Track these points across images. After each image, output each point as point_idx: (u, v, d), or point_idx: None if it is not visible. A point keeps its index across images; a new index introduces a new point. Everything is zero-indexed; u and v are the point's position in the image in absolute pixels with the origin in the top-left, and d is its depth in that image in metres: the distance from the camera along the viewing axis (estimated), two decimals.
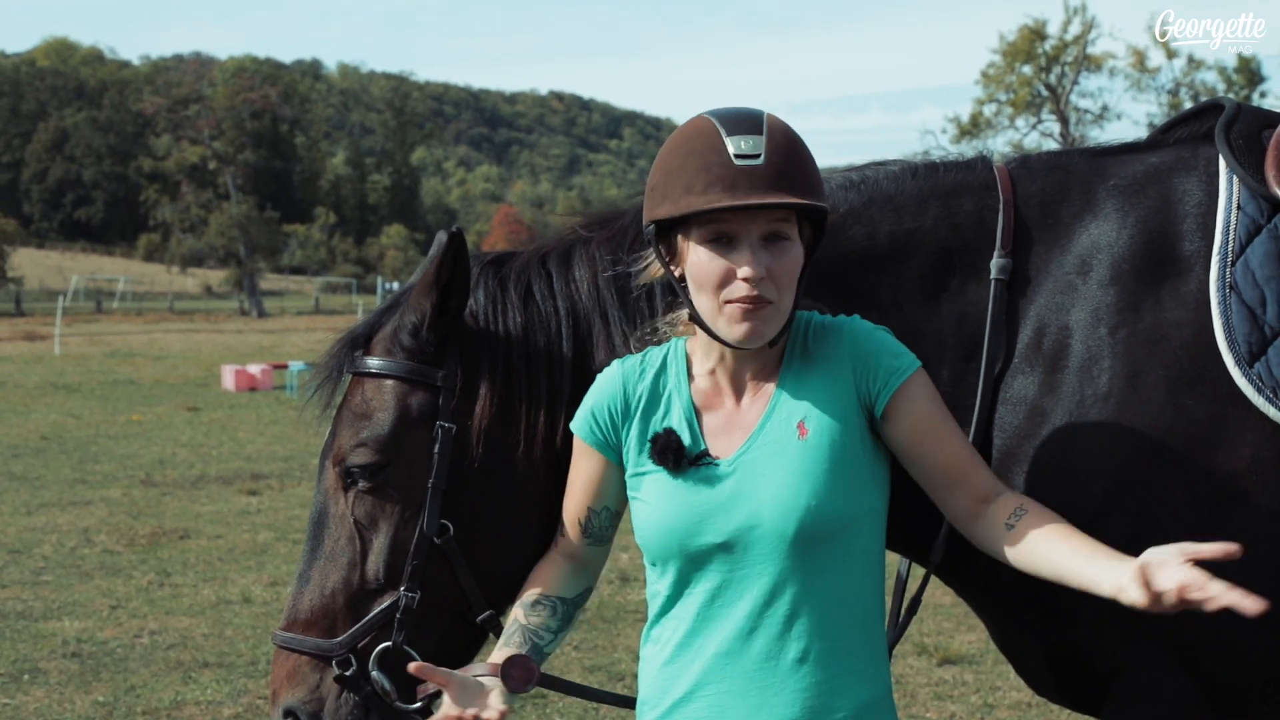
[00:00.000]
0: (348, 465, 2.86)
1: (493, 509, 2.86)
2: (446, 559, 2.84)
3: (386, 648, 2.82)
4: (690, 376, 2.59)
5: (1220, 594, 2.19)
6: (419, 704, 2.79)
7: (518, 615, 2.69)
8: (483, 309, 2.92)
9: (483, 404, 2.85)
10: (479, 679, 2.60)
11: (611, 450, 2.61)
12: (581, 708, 6.45)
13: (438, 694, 2.69)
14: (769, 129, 2.47)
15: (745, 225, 2.42)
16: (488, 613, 2.89)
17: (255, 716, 6.48)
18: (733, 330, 2.45)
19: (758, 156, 2.42)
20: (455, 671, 2.62)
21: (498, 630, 2.87)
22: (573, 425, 2.67)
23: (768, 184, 2.41)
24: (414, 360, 2.87)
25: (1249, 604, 2.18)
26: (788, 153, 2.46)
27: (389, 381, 2.88)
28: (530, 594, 2.71)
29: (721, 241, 2.44)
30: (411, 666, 2.59)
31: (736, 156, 2.42)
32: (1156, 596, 2.24)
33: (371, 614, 2.84)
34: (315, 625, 2.87)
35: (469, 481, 2.85)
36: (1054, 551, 2.42)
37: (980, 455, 2.59)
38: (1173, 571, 2.23)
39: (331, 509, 2.90)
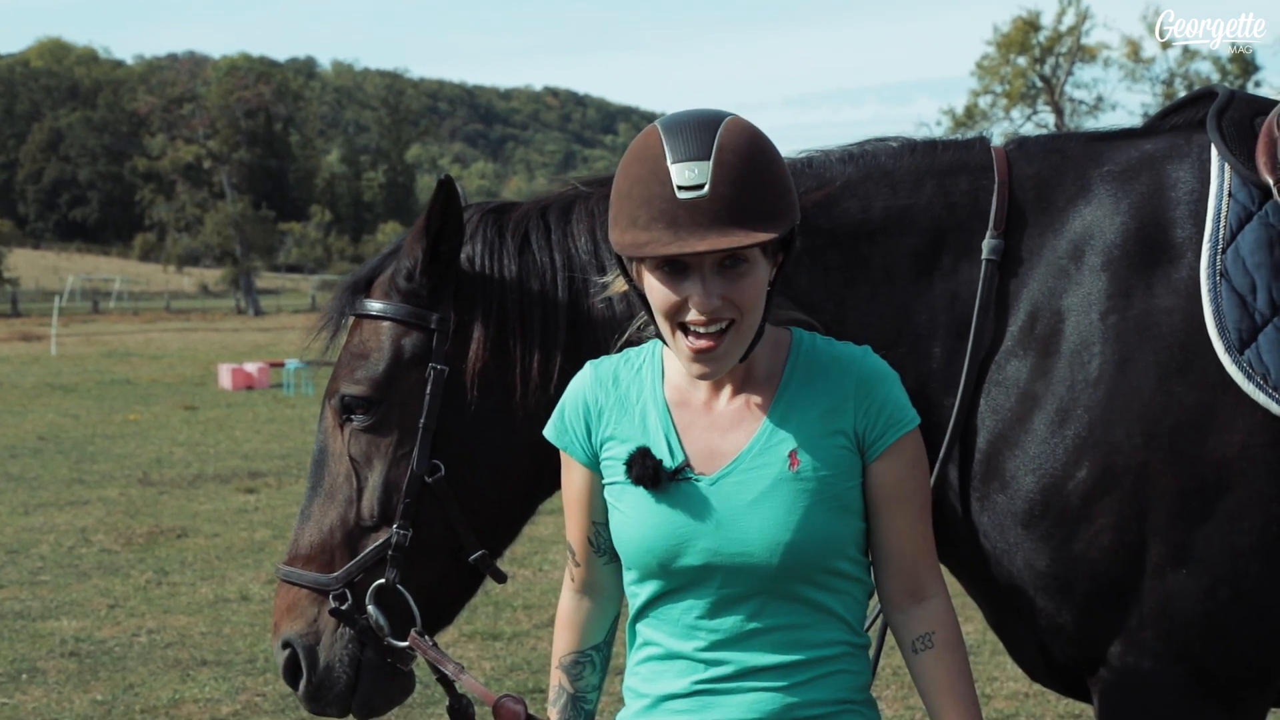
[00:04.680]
0: (341, 395, 2.98)
1: (485, 451, 2.96)
2: (438, 498, 2.93)
3: (381, 584, 2.94)
4: (664, 377, 2.51)
5: None
6: (408, 643, 2.93)
7: (562, 681, 2.67)
8: (479, 256, 3.00)
9: (476, 347, 2.94)
10: None
11: (589, 456, 2.54)
12: None
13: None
14: (718, 149, 2.29)
15: (696, 256, 2.29)
16: (480, 552, 2.99)
17: (253, 714, 6.48)
18: (688, 367, 2.38)
19: (701, 187, 2.26)
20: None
21: (491, 570, 3.03)
22: (545, 431, 2.60)
23: (711, 219, 2.26)
24: (408, 303, 2.98)
25: None
26: (737, 179, 2.29)
27: (385, 323, 3.00)
28: (566, 655, 2.67)
29: (674, 269, 2.32)
30: None
31: (680, 188, 2.27)
32: None
33: (367, 550, 2.96)
34: (314, 560, 3.00)
35: (463, 423, 2.95)
36: (932, 709, 2.47)
37: (932, 535, 2.52)
38: None
39: (330, 447, 3.03)
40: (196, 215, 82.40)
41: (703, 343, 2.33)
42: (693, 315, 2.32)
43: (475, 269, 3.00)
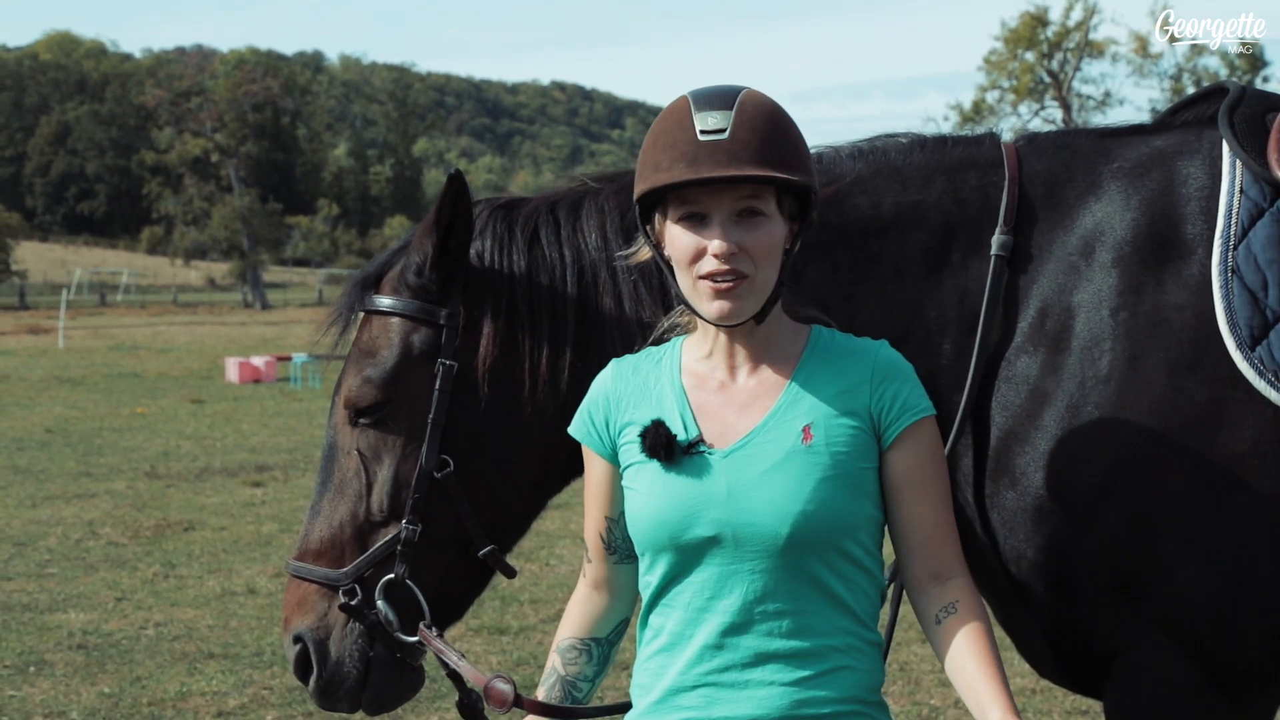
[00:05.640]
0: (351, 400, 2.97)
1: (494, 447, 2.96)
2: (447, 493, 2.93)
3: (391, 579, 2.94)
4: (682, 367, 2.55)
5: None
6: (418, 638, 2.93)
7: (555, 663, 2.70)
8: (488, 251, 3.00)
9: (486, 343, 2.94)
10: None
11: (608, 448, 2.57)
12: None
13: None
14: (740, 104, 2.42)
15: (715, 202, 2.40)
16: (489, 547, 3.00)
17: (260, 707, 6.49)
18: (709, 307, 2.42)
19: (723, 131, 2.39)
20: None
21: (500, 565, 3.04)
22: (570, 429, 2.64)
23: (730, 157, 2.37)
24: (418, 299, 2.98)
25: None
26: (757, 127, 2.40)
27: (394, 319, 3.00)
28: (565, 639, 2.69)
29: (694, 219, 2.41)
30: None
31: (701, 132, 2.39)
32: None
33: (376, 545, 2.96)
34: (324, 555, 3.00)
35: (472, 419, 2.94)
36: (957, 669, 2.44)
37: (954, 522, 2.53)
38: None
39: (340, 443, 3.03)
40: (204, 209, 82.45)
41: (723, 284, 2.40)
42: (709, 262, 2.39)
43: (484, 264, 2.99)
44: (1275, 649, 2.69)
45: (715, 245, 2.38)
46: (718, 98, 2.44)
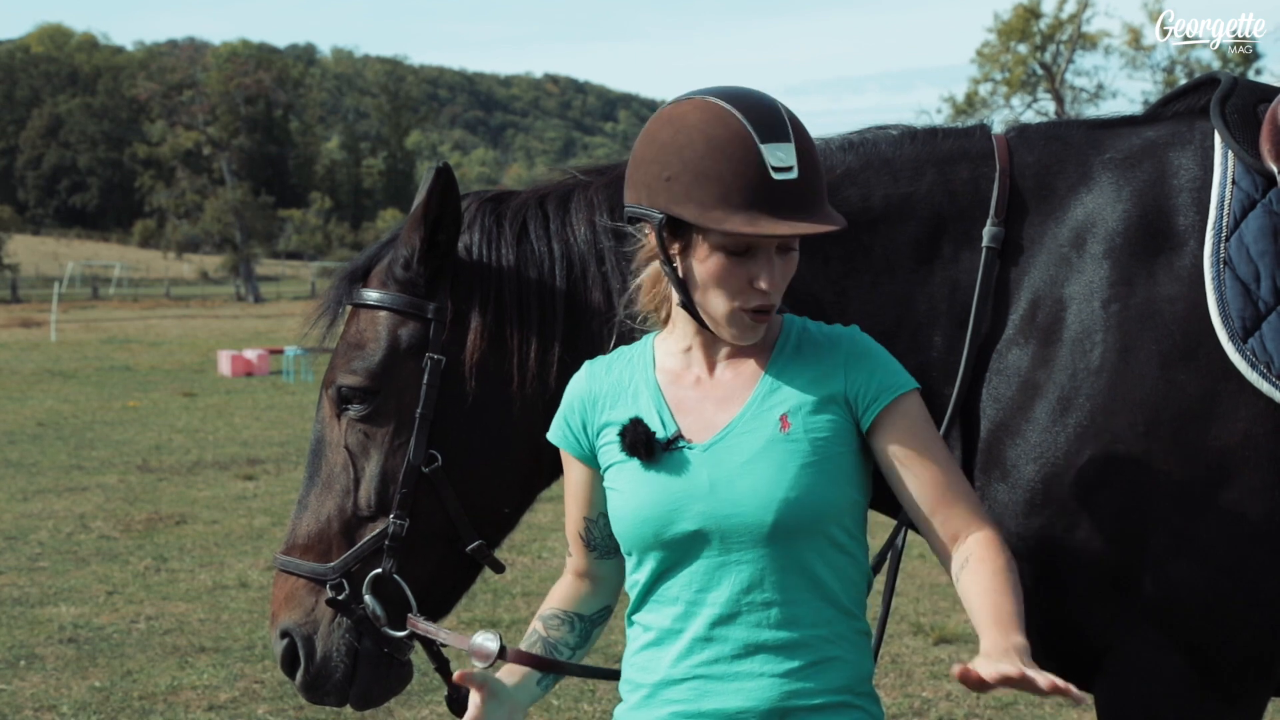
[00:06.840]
0: (338, 388, 2.96)
1: (483, 441, 2.95)
2: (435, 488, 2.93)
3: (378, 574, 2.93)
4: (655, 364, 2.55)
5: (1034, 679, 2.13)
6: (407, 632, 2.93)
7: (537, 626, 2.70)
8: (477, 245, 2.99)
9: (474, 337, 2.93)
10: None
11: (586, 450, 2.57)
12: (578, 687, 6.45)
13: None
14: (796, 132, 2.39)
15: (769, 239, 2.38)
16: (477, 542, 2.99)
17: (251, 701, 6.48)
18: (734, 333, 2.44)
19: (792, 169, 2.35)
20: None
21: (488, 560, 3.03)
22: (549, 435, 2.65)
23: (804, 203, 2.36)
24: (405, 293, 2.97)
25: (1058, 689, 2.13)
26: (813, 161, 2.40)
27: (382, 313, 2.98)
28: (547, 609, 2.70)
29: (743, 252, 2.38)
30: (455, 676, 2.58)
31: (774, 169, 2.34)
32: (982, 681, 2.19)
33: (364, 540, 2.95)
34: (312, 550, 2.99)
35: (460, 413, 2.94)
36: (970, 613, 2.39)
37: (965, 482, 2.48)
38: (994, 668, 2.16)
39: (327, 437, 3.02)
40: (196, 202, 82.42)
41: (762, 316, 2.42)
42: (754, 297, 2.39)
43: (473, 258, 2.98)
44: (1267, 643, 2.68)
45: (764, 283, 2.38)
46: (778, 126, 2.37)
